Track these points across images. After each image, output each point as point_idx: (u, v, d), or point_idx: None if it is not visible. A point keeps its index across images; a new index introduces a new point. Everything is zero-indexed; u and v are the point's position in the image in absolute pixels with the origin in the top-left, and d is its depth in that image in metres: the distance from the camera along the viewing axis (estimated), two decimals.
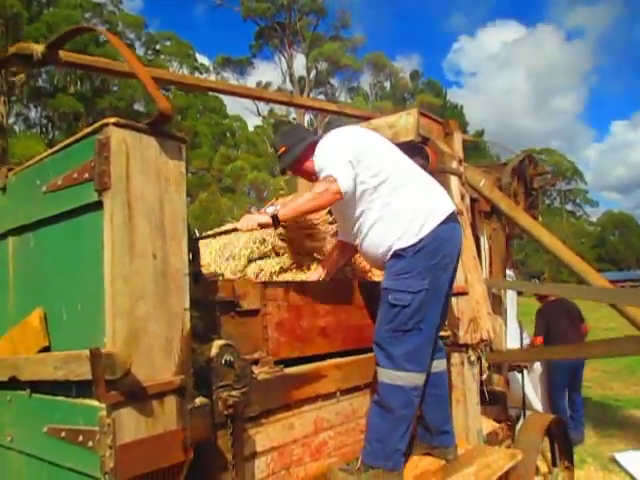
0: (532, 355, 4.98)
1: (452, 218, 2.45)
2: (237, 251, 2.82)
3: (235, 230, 2.57)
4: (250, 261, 2.81)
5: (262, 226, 2.36)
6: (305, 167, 2.64)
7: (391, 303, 2.30)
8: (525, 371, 4.45)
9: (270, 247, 2.87)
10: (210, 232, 2.99)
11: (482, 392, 3.26)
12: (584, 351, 4.12)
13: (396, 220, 2.38)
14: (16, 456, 1.74)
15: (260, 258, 2.84)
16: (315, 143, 2.59)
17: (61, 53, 2.21)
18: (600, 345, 3.53)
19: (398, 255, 2.35)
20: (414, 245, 2.32)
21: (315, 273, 2.75)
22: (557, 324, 6.03)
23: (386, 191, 2.40)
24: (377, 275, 2.93)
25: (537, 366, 5.88)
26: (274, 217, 2.30)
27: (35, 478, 1.67)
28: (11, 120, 28.07)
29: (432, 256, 2.33)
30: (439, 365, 2.59)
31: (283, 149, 2.65)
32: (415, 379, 2.31)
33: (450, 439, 2.59)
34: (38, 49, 2.08)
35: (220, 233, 2.87)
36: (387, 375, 2.29)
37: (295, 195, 3.13)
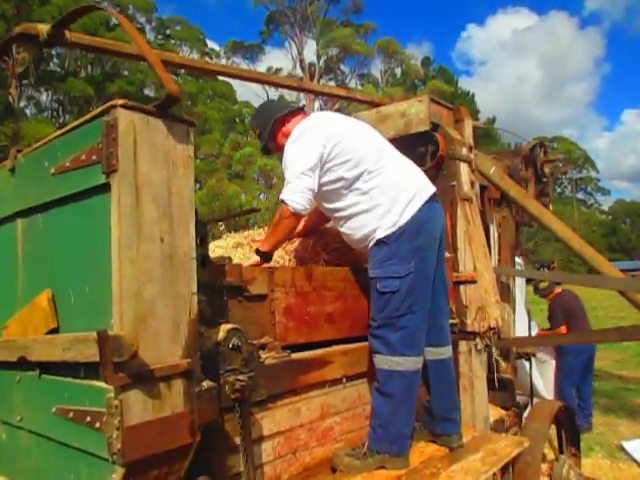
0: (541, 341, 4.96)
1: (433, 199, 2.44)
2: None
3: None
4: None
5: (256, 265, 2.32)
6: (281, 145, 2.56)
7: (380, 291, 2.31)
8: (533, 359, 4.43)
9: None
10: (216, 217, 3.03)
11: (490, 379, 3.26)
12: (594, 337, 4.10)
13: (374, 211, 2.36)
14: (26, 435, 1.76)
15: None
16: (281, 118, 2.58)
17: (68, 34, 2.16)
18: (615, 331, 3.51)
19: (380, 242, 2.34)
20: (394, 233, 2.32)
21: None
22: (576, 313, 5.99)
23: (364, 182, 2.38)
24: None
25: (550, 358, 5.85)
26: (261, 254, 2.33)
27: (44, 457, 1.70)
28: (22, 104, 28.14)
29: (414, 238, 2.32)
30: (445, 352, 2.56)
31: (258, 131, 2.70)
32: (414, 363, 2.30)
33: (454, 427, 2.56)
34: (44, 29, 2.04)
35: (220, 219, 2.89)
36: (385, 362, 2.29)
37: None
